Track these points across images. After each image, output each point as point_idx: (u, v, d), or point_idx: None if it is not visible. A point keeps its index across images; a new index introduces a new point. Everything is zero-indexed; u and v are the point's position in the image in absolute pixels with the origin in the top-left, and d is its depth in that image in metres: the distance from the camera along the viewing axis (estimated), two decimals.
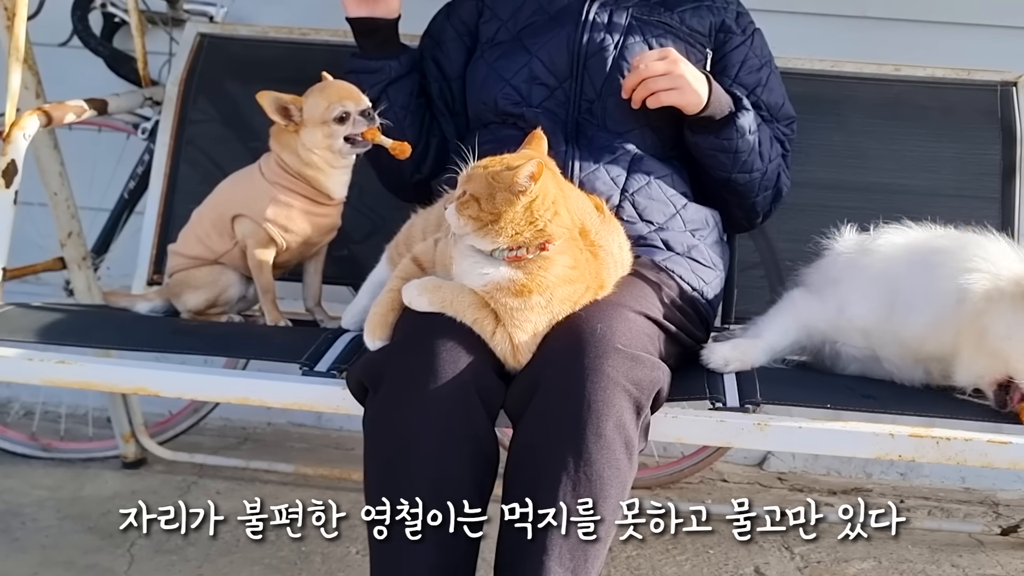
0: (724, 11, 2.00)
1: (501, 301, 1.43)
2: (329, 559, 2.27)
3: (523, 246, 1.42)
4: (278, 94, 1.87)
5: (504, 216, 1.39)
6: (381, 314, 1.52)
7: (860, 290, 1.72)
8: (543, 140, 1.55)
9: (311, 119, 1.86)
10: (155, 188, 2.32)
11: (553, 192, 1.43)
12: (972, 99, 2.27)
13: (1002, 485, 2.82)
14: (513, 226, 1.40)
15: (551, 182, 1.43)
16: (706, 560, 2.36)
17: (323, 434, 3.02)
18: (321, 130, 1.86)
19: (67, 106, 2.11)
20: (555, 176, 1.47)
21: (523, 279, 1.42)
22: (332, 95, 1.87)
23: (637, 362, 1.44)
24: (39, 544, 2.29)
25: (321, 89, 1.89)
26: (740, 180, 1.90)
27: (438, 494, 1.41)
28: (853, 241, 1.82)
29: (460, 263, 1.47)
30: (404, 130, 1.93)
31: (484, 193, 1.40)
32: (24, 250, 2.50)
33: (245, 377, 1.71)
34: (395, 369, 1.45)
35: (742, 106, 1.86)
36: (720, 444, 2.13)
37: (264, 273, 1.92)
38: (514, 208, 1.39)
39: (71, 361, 1.65)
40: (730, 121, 1.83)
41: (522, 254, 1.42)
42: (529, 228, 1.40)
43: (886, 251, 1.75)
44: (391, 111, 1.92)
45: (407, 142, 1.86)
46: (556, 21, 1.95)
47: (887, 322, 1.68)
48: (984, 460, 1.51)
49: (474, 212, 1.40)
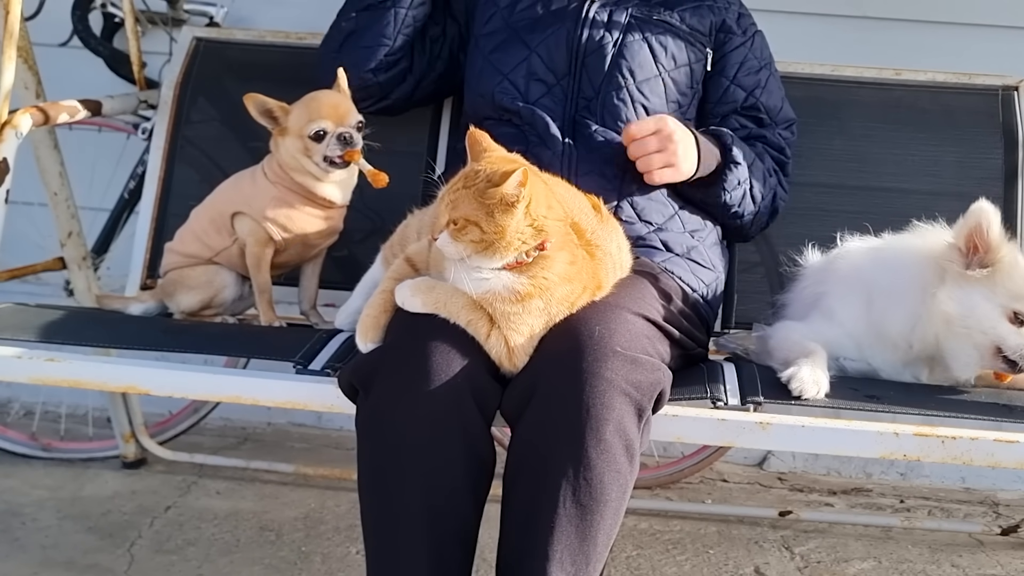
0: (725, 11, 2.00)
1: (499, 308, 1.42)
2: (329, 559, 2.27)
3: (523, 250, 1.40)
4: (264, 98, 1.86)
5: (508, 230, 1.36)
6: (373, 316, 1.50)
7: (839, 298, 1.73)
8: (484, 135, 1.48)
9: (292, 129, 1.86)
10: (149, 192, 2.32)
11: (541, 187, 1.41)
12: (973, 103, 2.27)
13: (1002, 485, 2.83)
14: (519, 237, 1.37)
15: (535, 178, 1.40)
16: (706, 560, 2.36)
17: (323, 434, 3.02)
18: (300, 142, 1.85)
19: (60, 106, 2.11)
20: (535, 171, 1.44)
21: (526, 284, 1.40)
22: (313, 111, 1.85)
23: (637, 365, 1.42)
24: (39, 544, 2.29)
25: (307, 102, 1.87)
26: (731, 224, 1.95)
27: (431, 496, 1.41)
28: (819, 259, 1.85)
29: (455, 270, 1.44)
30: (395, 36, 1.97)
31: (481, 215, 1.36)
32: (24, 250, 2.51)
33: (238, 376, 1.69)
34: (387, 371, 1.43)
35: (731, 159, 1.86)
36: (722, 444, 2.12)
37: (262, 272, 1.91)
38: (515, 219, 1.36)
39: (61, 359, 1.63)
40: (718, 179, 1.85)
41: (522, 259, 1.40)
42: (530, 232, 1.38)
43: (854, 257, 1.77)
44: None
45: (385, 174, 1.85)
46: (555, 17, 1.95)
47: (870, 323, 1.69)
48: (991, 459, 1.49)
49: (476, 236, 1.37)
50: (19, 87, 2.17)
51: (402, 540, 1.41)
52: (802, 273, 1.85)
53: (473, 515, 1.45)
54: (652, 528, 2.51)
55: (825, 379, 1.58)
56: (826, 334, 1.69)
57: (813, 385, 1.56)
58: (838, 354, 1.69)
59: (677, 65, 1.93)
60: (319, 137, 1.84)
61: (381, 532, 1.43)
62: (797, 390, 1.55)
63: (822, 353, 1.64)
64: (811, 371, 1.57)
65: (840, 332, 1.69)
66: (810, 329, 1.72)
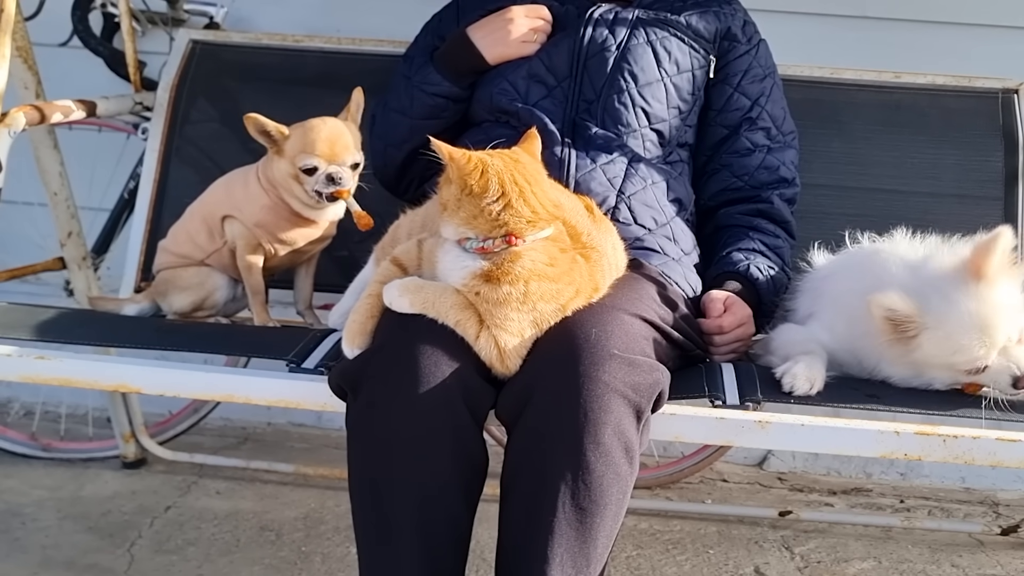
0: (731, 18, 2.00)
1: (480, 292, 1.41)
2: (329, 559, 2.27)
3: (489, 237, 1.40)
4: (263, 120, 1.82)
5: (449, 200, 1.42)
6: (360, 321, 1.48)
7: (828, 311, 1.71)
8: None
9: (287, 155, 1.83)
10: (144, 195, 2.32)
11: (506, 183, 1.40)
12: (973, 106, 2.27)
13: (1002, 485, 2.83)
14: (463, 210, 1.41)
15: (505, 175, 1.40)
16: (706, 560, 2.36)
17: (323, 434, 3.02)
18: (292, 169, 1.83)
19: (55, 105, 2.11)
20: (520, 171, 1.43)
21: (494, 270, 1.40)
22: (308, 144, 1.81)
23: (634, 367, 1.42)
24: (39, 544, 2.29)
25: (305, 131, 1.83)
26: None
27: (422, 499, 1.40)
28: (822, 263, 1.83)
29: (443, 259, 1.45)
30: None
31: (443, 180, 1.44)
32: (24, 250, 2.51)
33: (230, 374, 1.69)
34: (375, 373, 1.42)
35: (764, 307, 1.85)
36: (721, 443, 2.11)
37: (253, 275, 1.91)
38: (450, 191, 1.42)
39: (52, 357, 1.62)
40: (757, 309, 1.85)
41: (488, 246, 1.40)
42: (482, 217, 1.39)
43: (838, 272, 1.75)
44: None
45: (370, 217, 1.84)
46: (559, 21, 1.96)
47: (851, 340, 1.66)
48: (992, 459, 1.48)
49: (442, 194, 1.45)
50: (19, 87, 2.17)
51: (393, 542, 1.41)
52: (804, 278, 1.84)
53: (465, 516, 1.45)
54: (652, 528, 2.51)
55: (821, 377, 1.56)
56: (825, 341, 1.68)
57: (806, 382, 1.55)
58: (838, 361, 1.68)
59: (680, 70, 1.93)
60: (310, 171, 1.82)
61: (372, 534, 1.43)
62: (788, 385, 1.55)
63: (822, 353, 1.63)
64: (806, 368, 1.56)
65: (836, 347, 1.68)
66: (810, 333, 1.71)
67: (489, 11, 1.98)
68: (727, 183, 1.98)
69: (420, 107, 1.98)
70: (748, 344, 1.81)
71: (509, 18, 1.94)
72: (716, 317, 1.75)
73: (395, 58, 2.19)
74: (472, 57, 1.95)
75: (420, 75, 1.99)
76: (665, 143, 1.93)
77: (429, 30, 2.11)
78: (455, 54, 1.97)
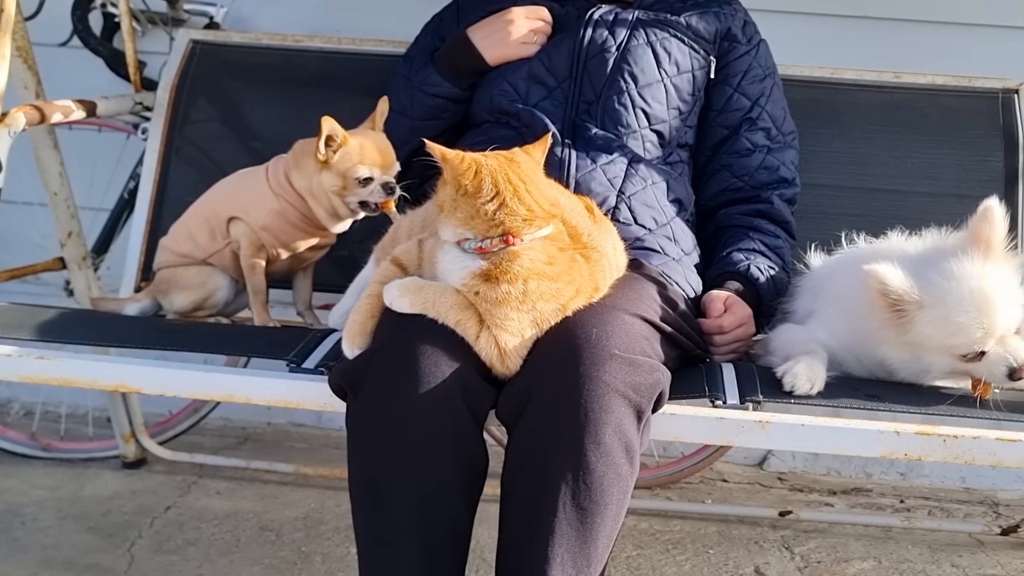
0: (731, 19, 2.00)
1: (479, 292, 1.40)
2: (329, 559, 2.27)
3: (486, 237, 1.40)
4: (336, 125, 1.80)
5: (445, 201, 1.42)
6: (360, 322, 1.48)
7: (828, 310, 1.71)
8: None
9: (338, 165, 1.82)
10: (144, 195, 2.32)
11: (500, 182, 1.40)
12: (973, 106, 2.27)
13: (1002, 485, 2.83)
14: (460, 211, 1.40)
15: (499, 174, 1.40)
16: (706, 560, 2.36)
17: (323, 434, 3.02)
18: (341, 181, 1.82)
19: (55, 105, 2.11)
20: (515, 170, 1.43)
21: (490, 267, 1.40)
22: (364, 155, 1.81)
23: (635, 367, 1.41)
24: (39, 544, 2.29)
25: (362, 144, 1.82)
26: None
27: (421, 499, 1.40)
28: (822, 263, 1.83)
29: (442, 259, 1.45)
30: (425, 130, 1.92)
31: (440, 181, 1.44)
32: (24, 250, 2.51)
33: (230, 374, 1.69)
34: (375, 373, 1.42)
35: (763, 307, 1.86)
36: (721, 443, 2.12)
37: (256, 275, 1.91)
38: (446, 192, 1.42)
39: (51, 357, 1.62)
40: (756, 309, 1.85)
41: (486, 246, 1.40)
42: (478, 217, 1.39)
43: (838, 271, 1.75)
44: None
45: None
46: (559, 23, 1.96)
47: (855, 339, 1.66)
48: (993, 459, 1.48)
49: (440, 196, 1.44)
50: (19, 87, 2.17)
51: (394, 542, 1.41)
52: (803, 277, 1.84)
53: (465, 517, 1.45)
54: (652, 528, 2.51)
55: (821, 377, 1.56)
56: (824, 340, 1.68)
57: (807, 381, 1.54)
58: (838, 360, 1.68)
59: (680, 71, 1.93)
60: (364, 182, 1.82)
61: (372, 534, 1.43)
62: (789, 385, 1.54)
63: (822, 352, 1.63)
64: (807, 367, 1.56)
65: (835, 345, 1.68)
66: (810, 332, 1.71)
67: (489, 12, 1.98)
68: (727, 183, 1.98)
69: (420, 108, 1.99)
70: (748, 344, 1.81)
71: (509, 19, 1.94)
72: (716, 317, 1.75)
73: (395, 58, 2.19)
74: (472, 58, 1.95)
75: (420, 76, 1.99)
76: (665, 144, 1.93)
77: (429, 31, 2.11)
78: (455, 55, 1.97)
